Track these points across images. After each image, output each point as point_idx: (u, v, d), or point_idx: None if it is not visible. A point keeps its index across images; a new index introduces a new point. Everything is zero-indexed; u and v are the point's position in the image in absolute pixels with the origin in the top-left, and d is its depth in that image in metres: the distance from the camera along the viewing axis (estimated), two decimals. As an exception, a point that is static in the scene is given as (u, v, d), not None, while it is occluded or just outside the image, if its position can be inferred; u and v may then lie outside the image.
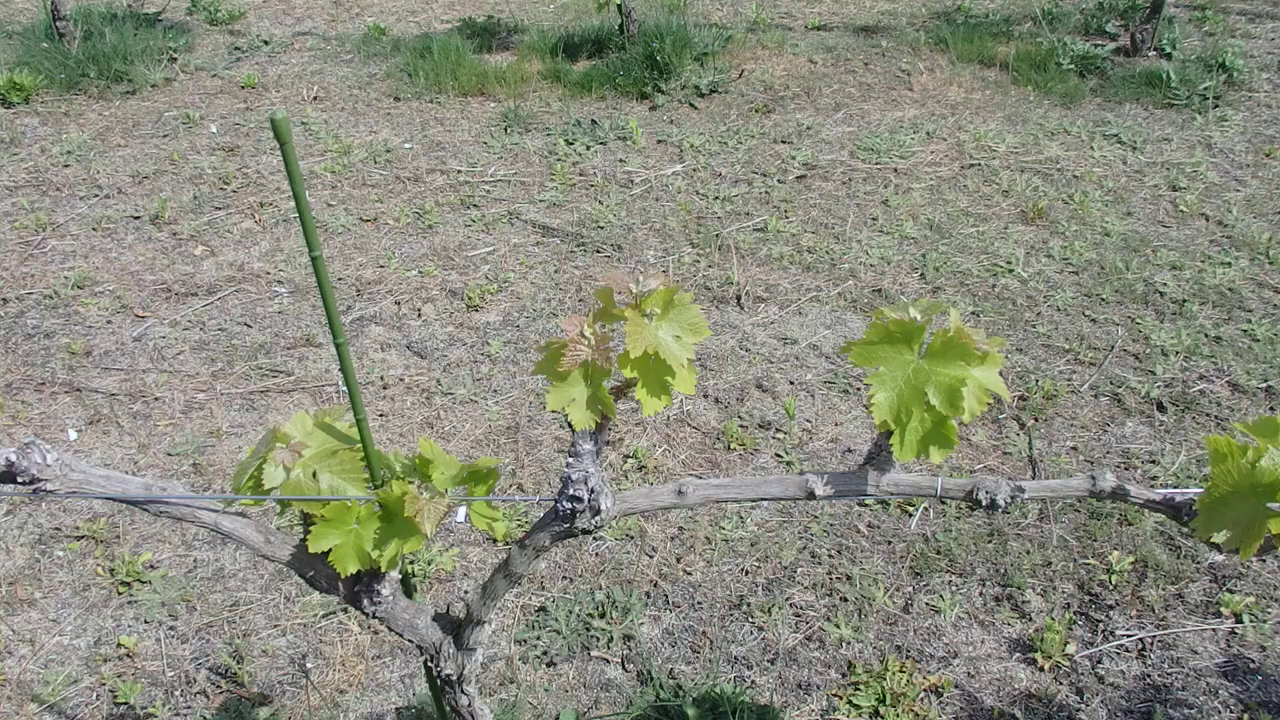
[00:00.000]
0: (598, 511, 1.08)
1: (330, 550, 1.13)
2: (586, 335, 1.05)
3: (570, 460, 1.08)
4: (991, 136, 4.13)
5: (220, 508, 1.18)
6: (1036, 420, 2.75)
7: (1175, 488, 0.99)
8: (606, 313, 1.09)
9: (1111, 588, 2.26)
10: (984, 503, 1.09)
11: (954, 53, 4.77)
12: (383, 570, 1.17)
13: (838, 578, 2.31)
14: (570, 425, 1.07)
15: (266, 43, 5.22)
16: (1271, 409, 2.77)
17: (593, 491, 1.07)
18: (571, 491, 1.07)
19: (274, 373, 3.00)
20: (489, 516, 1.20)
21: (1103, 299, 3.21)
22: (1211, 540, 1.01)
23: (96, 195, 3.95)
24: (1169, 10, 4.89)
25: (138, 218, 3.81)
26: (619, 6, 4.65)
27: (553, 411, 2.07)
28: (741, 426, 2.74)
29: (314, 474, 1.15)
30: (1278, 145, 4.01)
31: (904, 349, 1.03)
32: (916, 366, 1.02)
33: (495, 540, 2.34)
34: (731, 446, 2.68)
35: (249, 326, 3.20)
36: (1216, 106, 4.29)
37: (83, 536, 2.44)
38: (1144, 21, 4.71)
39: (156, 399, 2.90)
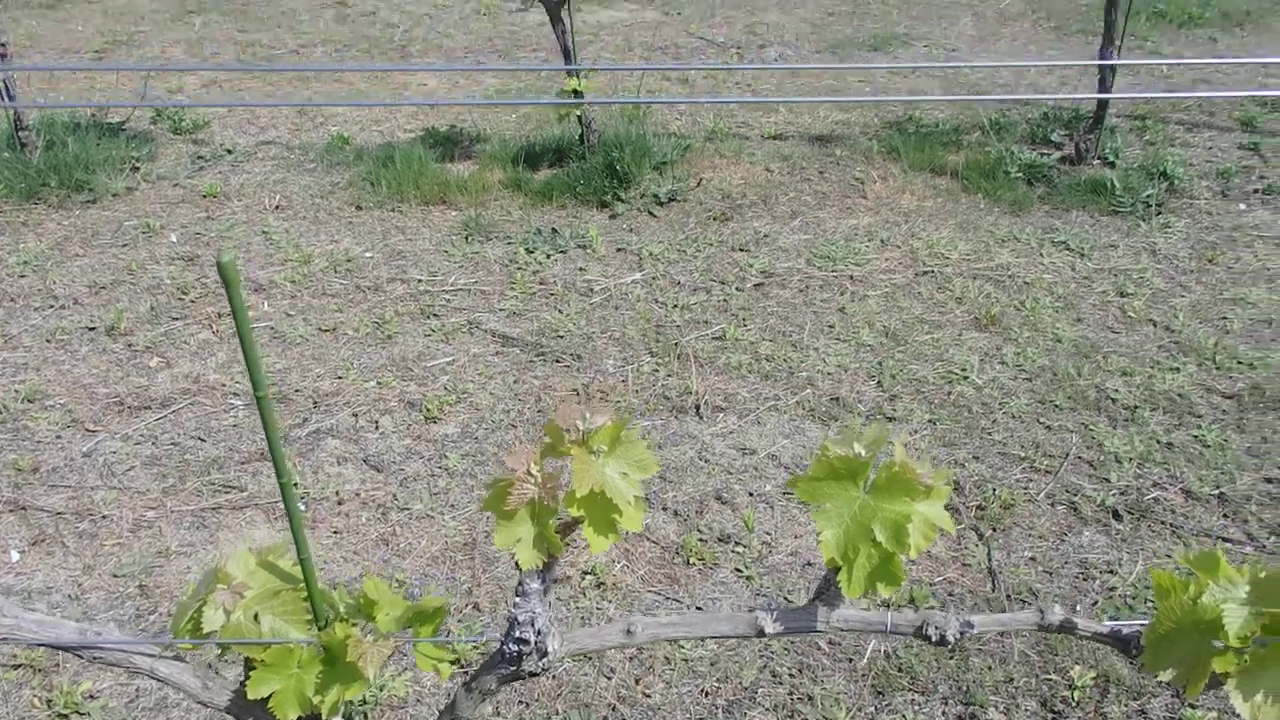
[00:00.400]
0: (545, 654, 1.06)
1: (270, 696, 1.10)
2: (533, 473, 1.05)
3: (517, 600, 1.07)
4: (944, 244, 4.22)
5: (157, 652, 1.15)
6: (995, 530, 2.76)
7: (1132, 599, 0.99)
8: (554, 448, 1.08)
9: (1074, 704, 2.24)
10: (933, 639, 1.09)
11: (906, 161, 4.89)
12: (324, 718, 1.14)
13: (799, 698, 2.28)
14: (517, 565, 1.06)
15: (230, 152, 5.26)
16: (1225, 516, 2.80)
17: (539, 633, 1.05)
18: (518, 634, 1.05)
19: (227, 488, 2.95)
20: (435, 657, 1.18)
21: (1056, 405, 3.25)
22: (1159, 678, 1.00)
23: (52, 306, 3.92)
24: (1111, 120, 5.06)
25: (93, 329, 3.78)
26: (579, 118, 4.74)
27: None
28: (701, 540, 2.72)
29: (255, 616, 1.12)
30: (1219, 251, 4.12)
31: (849, 485, 1.03)
32: (862, 503, 1.02)
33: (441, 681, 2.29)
34: (691, 561, 2.66)
35: (203, 441, 3.16)
36: (1159, 213, 4.41)
37: (19, 665, 2.37)
38: (1087, 131, 4.86)
39: (104, 517, 2.84)
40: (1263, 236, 4.24)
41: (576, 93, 4.55)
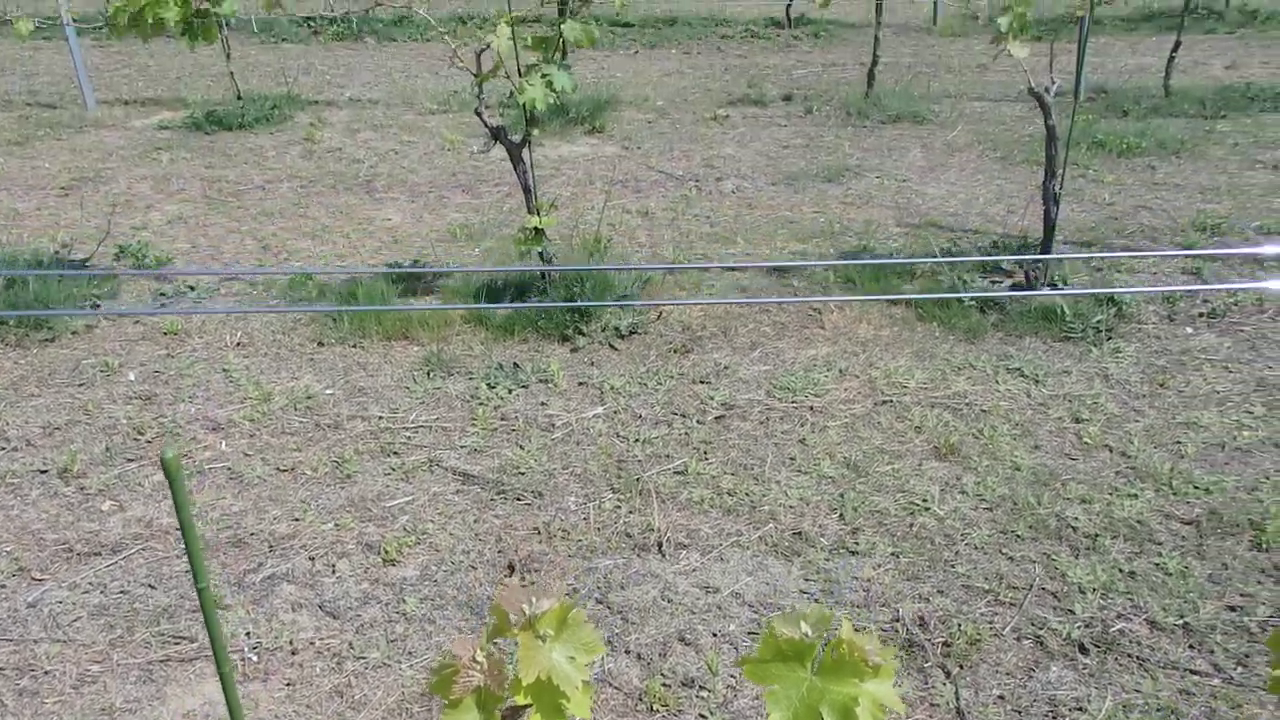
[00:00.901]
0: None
1: None
2: (479, 660, 1.04)
3: (463, 789, 1.04)
4: (901, 373, 4.27)
5: None
6: (962, 668, 2.73)
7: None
8: (501, 630, 1.07)
9: None
10: (890, 819, 1.07)
11: (862, 291, 4.99)
12: None
13: None
14: (463, 752, 1.04)
15: (193, 288, 5.28)
16: (1191, 647, 2.79)
17: (486, 824, 1.02)
18: (464, 827, 1.02)
19: (176, 639, 2.88)
20: None
21: (1018, 535, 3.26)
22: None
23: (3, 449, 3.87)
24: (1059, 247, 5.20)
25: (44, 471, 3.72)
26: (540, 254, 4.81)
27: None
28: (664, 685, 2.68)
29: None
30: (1169, 375, 4.20)
31: (797, 666, 1.03)
32: (810, 684, 1.01)
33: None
34: (654, 708, 2.60)
35: (153, 588, 3.09)
36: (1110, 338, 4.51)
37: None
38: (1036, 259, 4.99)
39: (47, 672, 2.75)
40: (1210, 360, 4.34)
41: (538, 230, 4.63)
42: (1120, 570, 3.09)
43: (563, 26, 4.30)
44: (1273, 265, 5.20)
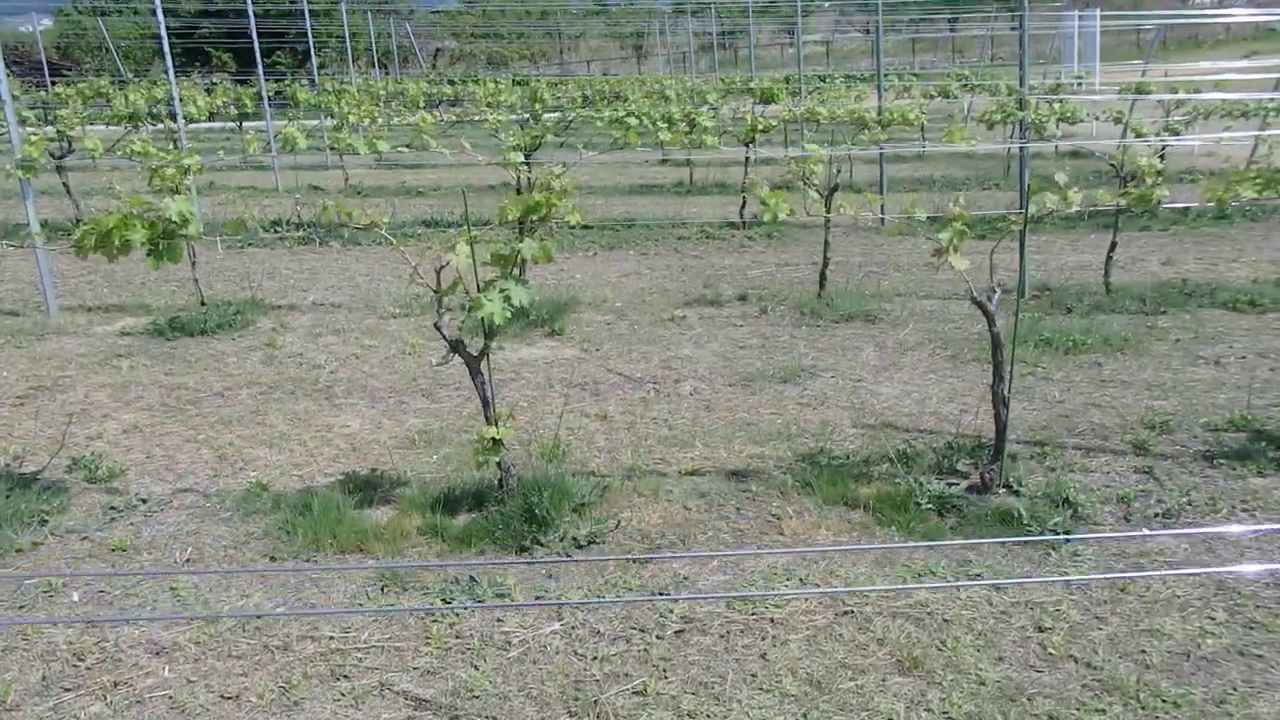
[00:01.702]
0: None
1: None
2: None
3: None
4: (862, 580, 4.24)
5: None
6: None
7: None
8: None
9: None
10: None
11: (820, 495, 5.00)
12: None
13: None
14: None
15: (144, 501, 5.20)
16: None
17: None
18: None
19: None
20: None
21: (986, 757, 3.17)
22: None
23: (-66, 681, 3.70)
24: (1012, 447, 5.28)
25: (-24, 707, 3.55)
26: (498, 463, 4.81)
27: None
28: None
29: None
30: (1129, 580, 4.19)
31: None
32: None
33: None
34: None
35: (83, 838, 2.91)
36: (1068, 541, 4.52)
37: None
38: (991, 461, 5.05)
39: None
40: (1169, 562, 4.35)
41: (496, 441, 4.64)
42: (1093, 792, 3.00)
43: (520, 245, 4.43)
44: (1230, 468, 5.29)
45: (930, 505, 4.82)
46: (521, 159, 8.13)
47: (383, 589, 4.28)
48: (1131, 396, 6.30)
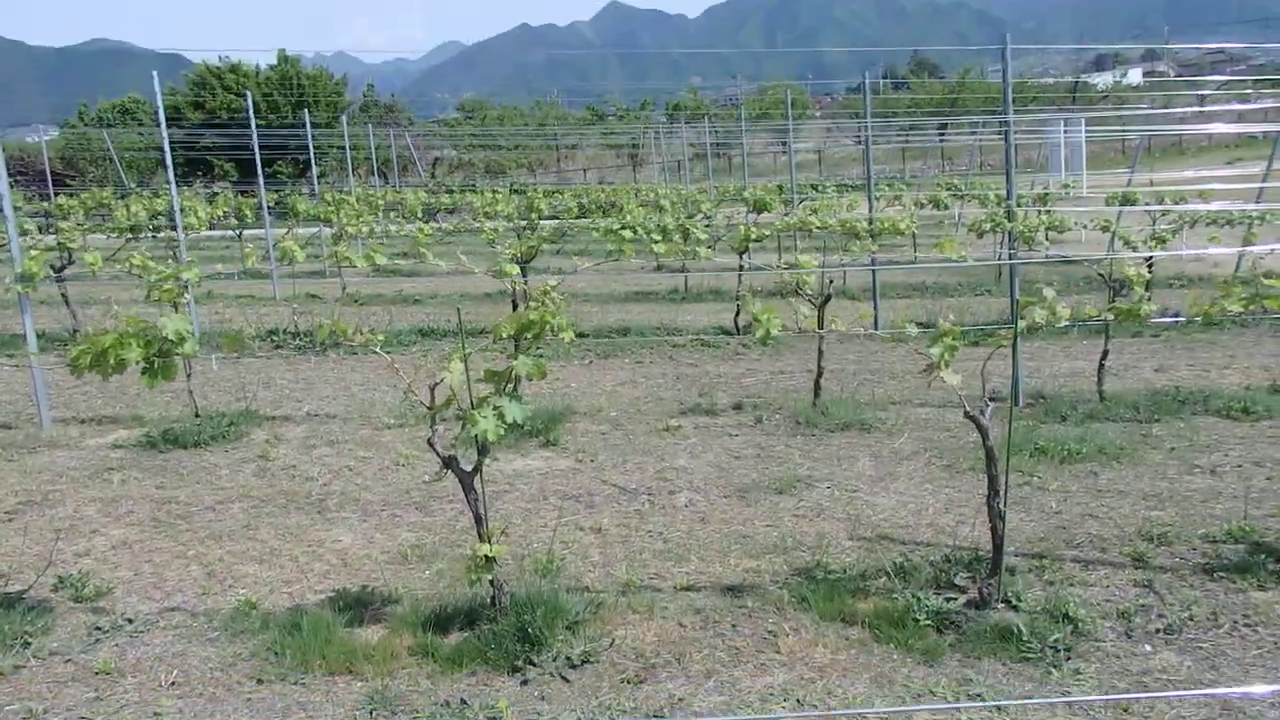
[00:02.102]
0: None
1: None
2: None
3: None
4: (860, 701, 4.16)
5: None
6: None
7: None
8: None
9: None
10: None
11: (816, 611, 4.93)
12: None
13: None
14: None
15: (130, 621, 5.12)
16: None
17: None
18: None
19: None
20: None
21: None
22: None
23: (-93, 816, 3.59)
24: (1010, 560, 5.23)
25: (-51, 842, 3.44)
26: (490, 580, 4.75)
27: None
28: None
29: None
30: (1133, 700, 4.11)
31: None
32: None
33: None
34: None
35: None
36: (1069, 659, 4.45)
37: None
38: (989, 575, 5.00)
39: None
40: (1172, 680, 4.27)
41: (488, 558, 4.60)
42: None
43: (515, 363, 4.45)
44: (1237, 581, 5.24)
45: (928, 621, 4.75)
46: (517, 271, 8.22)
47: (371, 713, 4.19)
48: (1129, 507, 6.27)
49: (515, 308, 9.23)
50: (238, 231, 21.57)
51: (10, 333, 13.25)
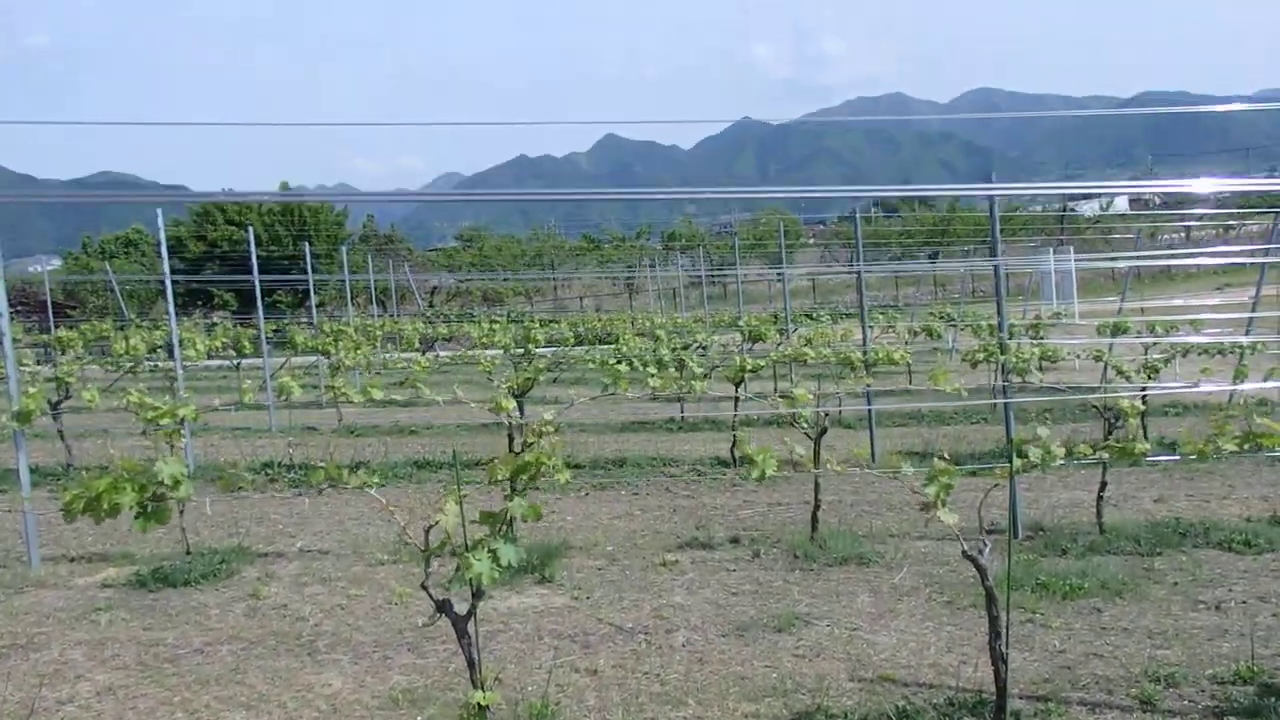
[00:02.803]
0: None
1: None
2: None
3: None
4: None
5: None
6: None
7: None
8: None
9: None
10: None
11: (819, 760, 4.80)
12: None
13: None
14: None
15: (112, 773, 4.97)
16: None
17: None
18: None
19: None
20: None
21: None
22: None
23: None
24: (1015, 704, 5.11)
25: None
26: (483, 729, 4.64)
27: None
28: None
29: None
30: None
31: None
32: None
33: None
34: None
35: None
36: (1081, 811, 4.31)
37: None
38: (994, 719, 4.89)
39: None
40: (1187, 834, 4.14)
41: (481, 707, 4.50)
42: None
43: (510, 504, 4.44)
44: None
45: (934, 771, 4.62)
46: (513, 405, 8.25)
47: None
48: (1134, 645, 6.16)
49: (511, 442, 9.23)
50: (236, 362, 21.69)
51: (3, 467, 13.19)
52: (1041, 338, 16.76)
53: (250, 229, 18.19)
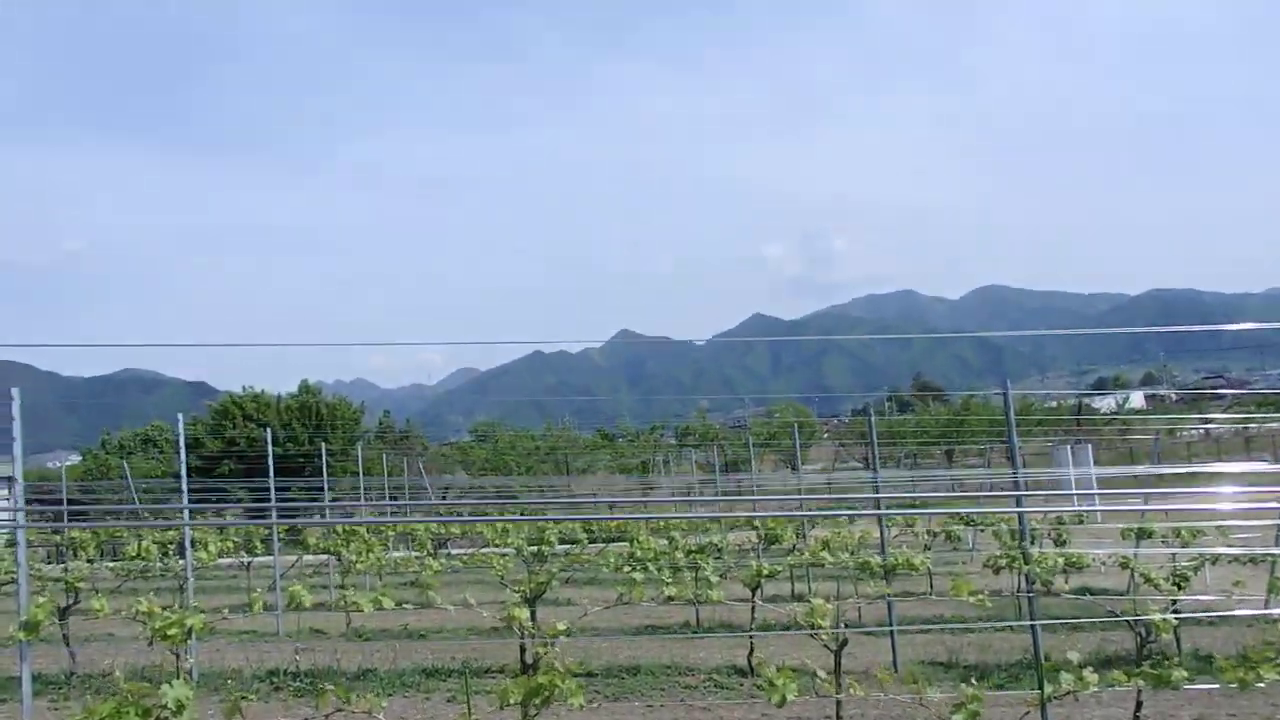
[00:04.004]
0: None
1: None
2: None
3: None
4: None
5: None
6: None
7: None
8: None
9: None
10: None
11: None
12: None
13: None
14: None
15: None
16: None
17: None
18: None
19: None
20: None
21: None
22: None
23: None
24: None
25: None
26: None
27: None
28: None
29: None
30: None
31: None
32: None
33: None
34: None
35: None
36: None
37: None
38: None
39: None
40: None
41: None
42: None
43: (522, 734, 4.28)
44: None
45: None
46: (526, 614, 8.10)
47: None
48: None
49: (523, 651, 9.00)
50: (247, 562, 21.48)
51: (5, 674, 12.89)
52: (1064, 541, 16.49)
53: (269, 430, 18.35)
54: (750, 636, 12.59)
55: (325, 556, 21.00)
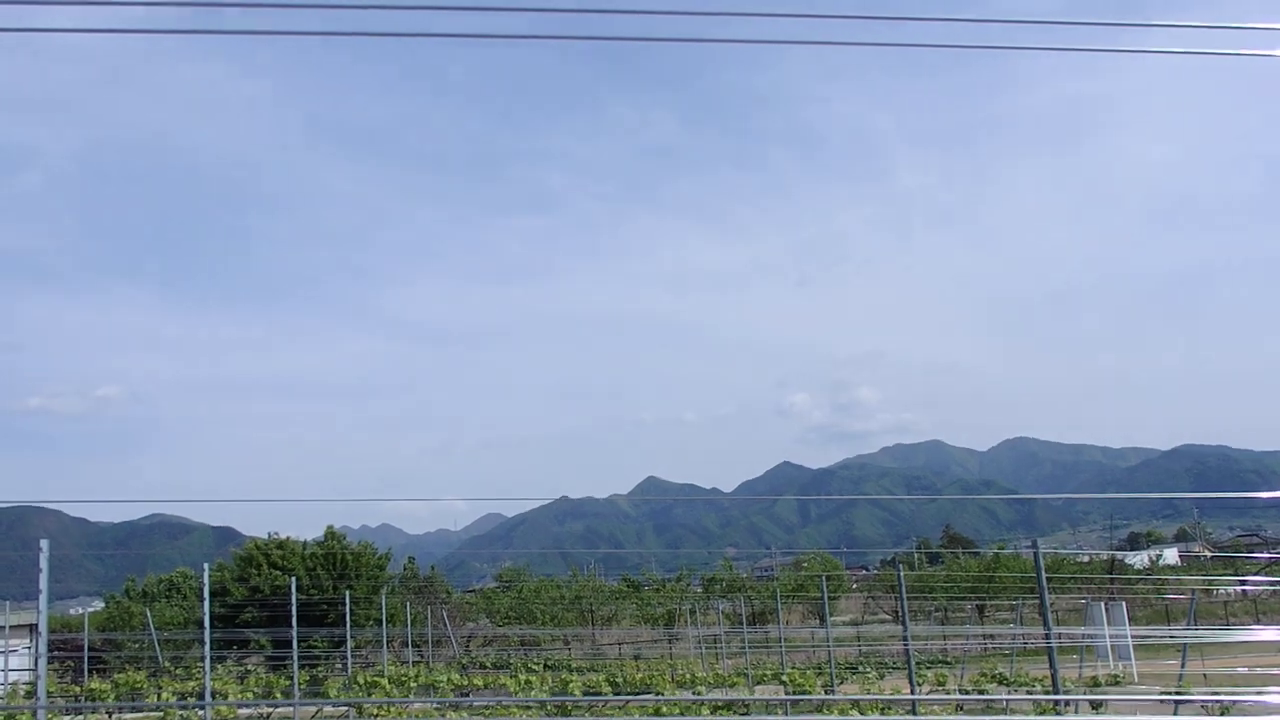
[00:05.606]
0: None
1: None
2: None
3: None
4: None
5: None
6: None
7: None
8: None
9: None
10: None
11: None
12: None
13: None
14: None
15: None
16: None
17: None
18: None
19: None
20: None
21: None
22: None
23: None
24: None
25: None
26: None
27: None
28: None
29: None
30: None
31: None
32: None
33: None
34: None
35: None
36: None
37: None
38: None
39: None
40: None
41: None
42: None
43: None
44: None
45: None
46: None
47: None
48: None
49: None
50: (267, 714, 21.15)
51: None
52: (1101, 707, 16.08)
53: (294, 581, 18.37)
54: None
55: (346, 709, 20.67)
